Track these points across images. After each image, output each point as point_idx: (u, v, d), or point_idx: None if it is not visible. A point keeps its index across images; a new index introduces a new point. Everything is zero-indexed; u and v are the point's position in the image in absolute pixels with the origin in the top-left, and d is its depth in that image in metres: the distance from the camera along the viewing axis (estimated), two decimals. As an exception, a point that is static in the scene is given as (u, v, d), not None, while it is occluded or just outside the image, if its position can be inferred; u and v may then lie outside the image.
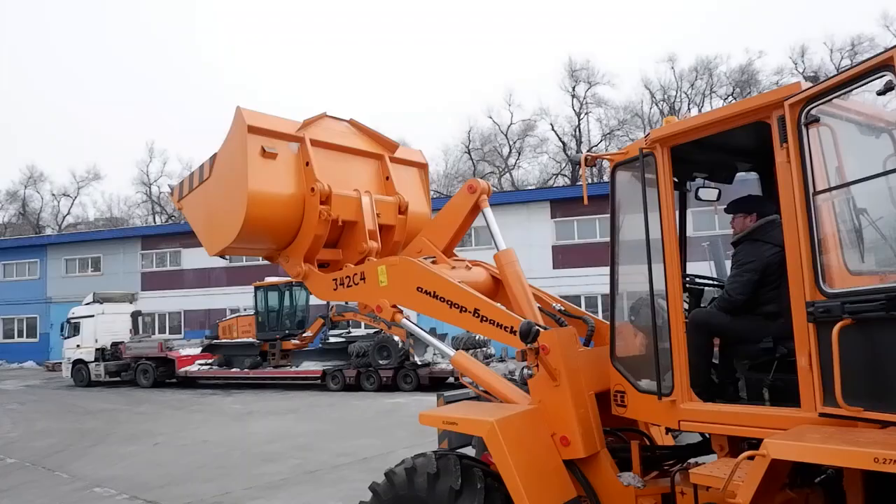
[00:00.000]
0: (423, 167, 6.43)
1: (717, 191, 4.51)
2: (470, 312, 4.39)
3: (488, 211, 5.11)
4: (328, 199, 5.14)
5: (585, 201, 4.05)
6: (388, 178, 5.86)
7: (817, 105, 3.06)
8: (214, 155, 5.41)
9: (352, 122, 5.96)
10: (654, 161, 3.74)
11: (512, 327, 4.21)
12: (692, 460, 4.17)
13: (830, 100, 3.05)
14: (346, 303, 17.32)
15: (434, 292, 4.56)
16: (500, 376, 4.69)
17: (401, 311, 4.85)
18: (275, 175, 5.09)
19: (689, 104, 48.49)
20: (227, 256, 5.48)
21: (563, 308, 4.87)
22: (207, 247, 5.46)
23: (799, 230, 3.07)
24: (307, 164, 5.22)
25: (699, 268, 4.92)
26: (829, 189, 3.11)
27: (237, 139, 5.08)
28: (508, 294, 4.83)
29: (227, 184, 5.16)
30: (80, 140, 79.68)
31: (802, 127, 3.08)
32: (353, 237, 5.37)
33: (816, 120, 3.08)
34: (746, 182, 4.69)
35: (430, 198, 6.39)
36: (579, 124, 50.72)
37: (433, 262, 4.99)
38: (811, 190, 3.03)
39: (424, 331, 5.25)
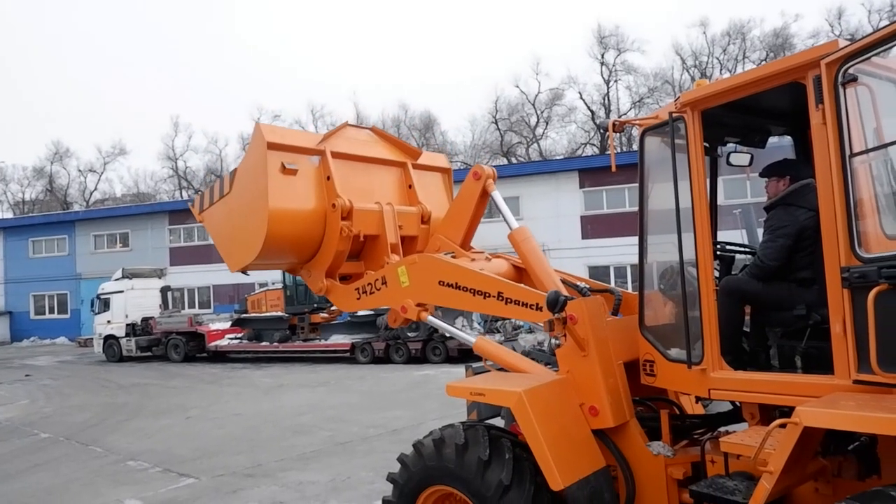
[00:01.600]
0: (446, 172, 6.42)
1: (750, 156, 4.40)
2: (494, 297, 4.43)
3: (496, 194, 5.09)
4: (350, 214, 5.14)
5: (613, 168, 3.98)
6: (410, 187, 5.85)
7: (855, 64, 2.95)
8: (235, 170, 5.39)
9: (374, 130, 5.96)
10: (684, 125, 3.65)
11: (537, 304, 4.21)
12: (722, 429, 4.14)
13: (869, 58, 2.94)
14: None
15: (456, 283, 4.59)
16: (523, 357, 4.74)
17: (426, 309, 4.88)
18: (295, 191, 5.08)
19: (721, 69, 47.39)
20: (249, 272, 5.53)
21: (587, 286, 4.84)
22: (229, 263, 5.49)
23: (834, 194, 2.98)
24: (328, 178, 5.22)
25: (731, 237, 4.83)
26: (867, 151, 3.01)
27: (257, 156, 5.05)
28: (528, 271, 4.84)
29: (248, 200, 5.15)
30: (105, 115, 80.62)
31: (839, 87, 2.98)
32: (376, 250, 5.38)
33: (854, 79, 2.97)
34: (780, 148, 4.57)
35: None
36: (608, 92, 49.96)
37: (453, 257, 4.99)
38: (847, 152, 2.94)
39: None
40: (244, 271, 5.49)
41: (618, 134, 3.93)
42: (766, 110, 4.09)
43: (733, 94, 3.52)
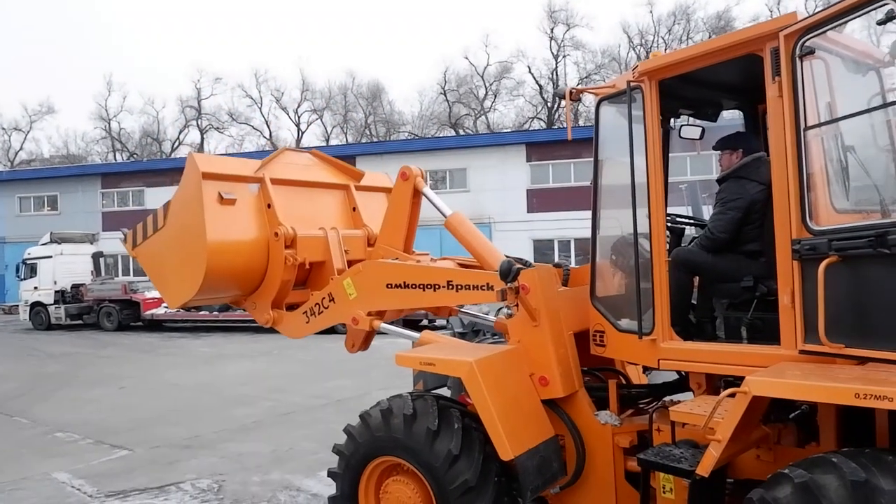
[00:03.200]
0: (390, 192, 6.25)
1: (701, 129, 4.43)
2: (444, 287, 4.40)
3: (427, 190, 5.00)
4: (293, 242, 4.98)
5: (570, 137, 3.94)
6: (354, 210, 5.72)
7: (813, 36, 2.96)
8: (168, 202, 5.10)
9: (314, 153, 5.81)
10: (641, 95, 3.61)
11: (488, 283, 4.19)
12: (667, 398, 4.21)
13: (826, 31, 2.95)
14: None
15: (403, 282, 4.53)
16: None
17: (378, 318, 4.76)
18: (235, 222, 4.87)
19: (665, 49, 48.29)
20: (191, 308, 5.29)
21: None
22: (168, 300, 5.24)
23: (788, 166, 3.01)
24: (269, 205, 5.03)
25: (675, 212, 4.88)
26: (822, 124, 3.04)
27: (192, 187, 4.78)
28: (472, 252, 4.81)
29: (184, 234, 4.89)
30: (31, 71, 75.75)
31: (797, 59, 2.98)
32: (323, 277, 5.21)
33: (811, 52, 2.98)
34: (721, 127, 4.61)
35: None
36: (556, 67, 50.15)
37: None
38: (802, 125, 2.96)
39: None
40: (186, 308, 5.27)
41: (564, 107, 3.86)
42: (719, 83, 4.11)
43: (691, 64, 3.51)
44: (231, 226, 4.85)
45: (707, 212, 7.64)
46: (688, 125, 4.44)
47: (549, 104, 48.48)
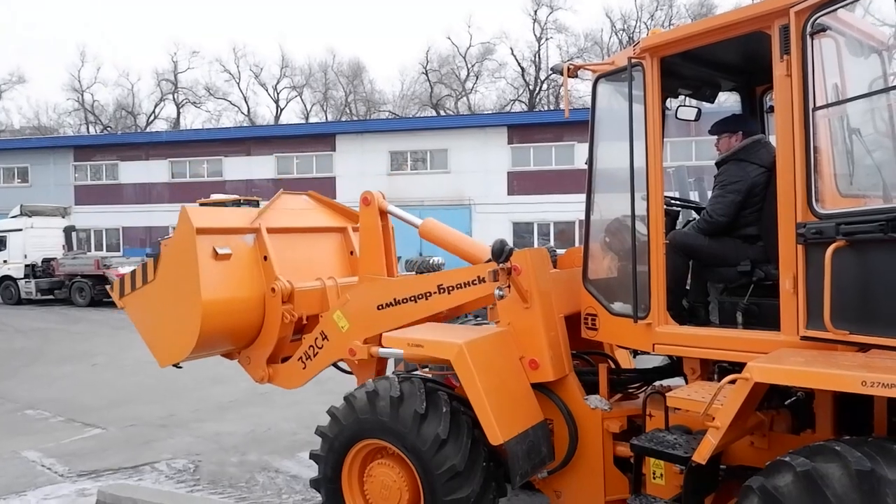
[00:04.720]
0: None
1: (697, 110, 4.34)
2: (436, 292, 4.31)
3: (392, 207, 4.88)
4: (291, 296, 4.82)
5: (567, 115, 3.82)
6: (352, 254, 5.56)
7: (825, 13, 2.85)
8: (158, 254, 4.87)
9: (311, 195, 5.65)
10: (642, 73, 3.49)
11: (479, 277, 4.11)
12: (657, 383, 4.15)
13: (838, 8, 2.85)
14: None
15: (394, 299, 4.43)
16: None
17: (375, 343, 4.59)
18: (230, 277, 4.68)
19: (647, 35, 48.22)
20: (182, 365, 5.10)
21: None
22: (159, 358, 5.06)
23: (795, 148, 2.91)
24: (265, 258, 4.85)
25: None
26: (831, 104, 2.96)
27: (185, 242, 4.57)
28: (455, 251, 4.75)
29: (177, 291, 4.67)
30: (0, 39, 73.37)
31: (807, 37, 2.88)
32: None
33: (823, 30, 2.89)
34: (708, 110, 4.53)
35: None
36: (539, 50, 49.84)
37: None
38: (811, 105, 2.87)
39: None
40: (176, 365, 5.08)
41: (546, 90, 3.75)
42: (720, 63, 4.01)
43: (695, 41, 3.39)
44: (226, 282, 4.67)
45: (694, 196, 7.62)
46: (684, 105, 4.34)
47: (530, 87, 48.22)
